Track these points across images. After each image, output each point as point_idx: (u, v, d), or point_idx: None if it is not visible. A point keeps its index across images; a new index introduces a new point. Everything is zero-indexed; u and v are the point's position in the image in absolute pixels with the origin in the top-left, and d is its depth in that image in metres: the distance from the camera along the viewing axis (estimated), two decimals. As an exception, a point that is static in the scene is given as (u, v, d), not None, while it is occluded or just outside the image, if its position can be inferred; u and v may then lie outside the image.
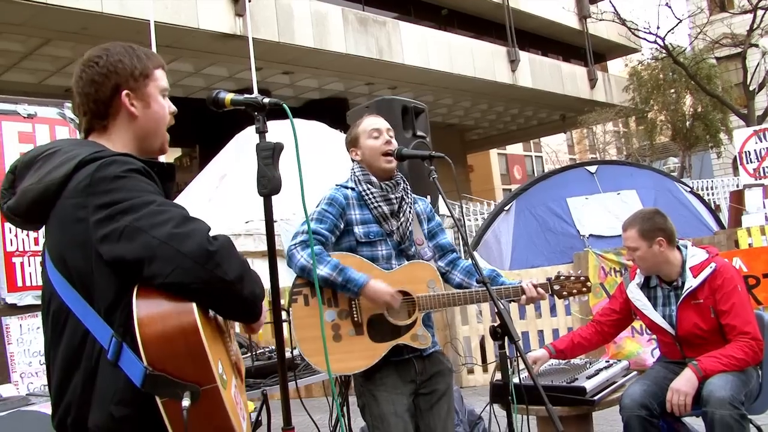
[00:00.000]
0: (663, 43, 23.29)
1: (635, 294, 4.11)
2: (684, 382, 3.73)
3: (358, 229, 3.34)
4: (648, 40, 24.64)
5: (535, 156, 56.17)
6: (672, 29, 22.98)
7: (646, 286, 4.12)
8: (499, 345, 3.16)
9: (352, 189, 3.42)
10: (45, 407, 3.68)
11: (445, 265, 3.59)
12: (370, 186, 3.39)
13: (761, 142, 11.03)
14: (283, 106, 2.34)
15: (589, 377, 4.07)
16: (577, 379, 4.05)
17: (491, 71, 27.35)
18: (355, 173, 3.46)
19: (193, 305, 1.76)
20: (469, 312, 8.58)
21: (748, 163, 11.12)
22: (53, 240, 1.94)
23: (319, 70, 23.10)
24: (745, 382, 3.75)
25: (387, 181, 3.43)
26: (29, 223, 2.03)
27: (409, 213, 3.47)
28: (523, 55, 29.06)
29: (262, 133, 2.33)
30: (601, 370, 4.25)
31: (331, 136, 11.46)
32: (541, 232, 9.58)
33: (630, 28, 23.61)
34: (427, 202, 3.74)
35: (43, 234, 2.04)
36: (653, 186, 9.91)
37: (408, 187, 3.54)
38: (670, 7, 22.68)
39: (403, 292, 3.26)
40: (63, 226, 1.89)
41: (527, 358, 4.10)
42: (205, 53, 20.04)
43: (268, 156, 2.27)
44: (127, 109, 2.07)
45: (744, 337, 3.77)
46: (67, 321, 1.88)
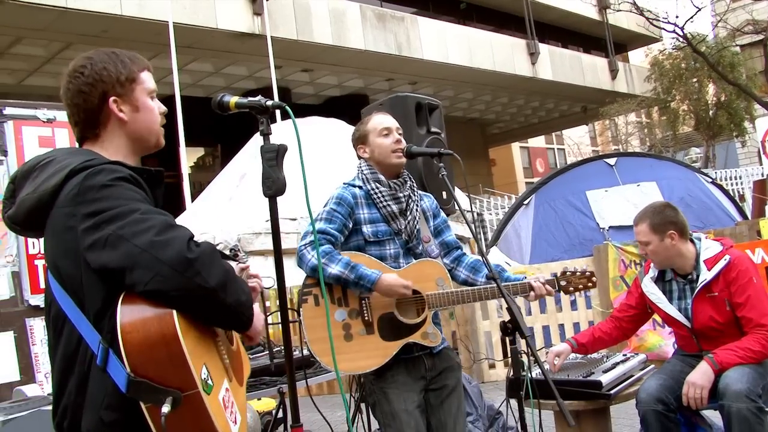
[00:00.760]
0: (682, 33, 23.03)
1: (650, 288, 4.09)
2: (700, 376, 3.71)
3: (367, 229, 3.33)
4: (667, 30, 24.39)
5: (558, 149, 55.85)
6: (691, 18, 22.70)
7: (661, 280, 4.10)
8: (510, 340, 3.16)
9: (360, 187, 3.41)
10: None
11: (450, 261, 3.58)
12: (379, 185, 3.39)
13: (785, 130, 10.90)
14: (286, 108, 2.37)
15: (605, 371, 4.06)
16: (593, 373, 4.04)
17: (511, 64, 27.26)
18: (362, 171, 3.45)
19: (174, 312, 1.77)
20: (489, 307, 8.58)
21: (771, 152, 11.00)
22: (48, 248, 1.98)
23: (338, 67, 23.13)
24: (762, 374, 3.71)
25: (395, 179, 3.43)
26: (29, 230, 2.09)
27: (417, 211, 3.47)
28: (543, 48, 28.92)
29: (266, 135, 2.35)
30: (618, 363, 4.23)
31: (349, 133, 11.45)
32: (560, 225, 9.55)
33: (648, 18, 23.36)
34: (433, 198, 3.74)
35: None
36: (674, 177, 9.84)
37: (414, 184, 3.54)
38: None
39: (413, 291, 3.27)
40: (55, 234, 1.93)
41: (550, 352, 4.14)
42: (224, 53, 20.15)
43: (273, 158, 2.30)
44: (116, 116, 2.10)
45: (761, 330, 3.74)
46: (64, 326, 1.92)
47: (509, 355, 3.38)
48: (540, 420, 3.53)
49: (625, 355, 4.47)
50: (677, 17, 23.43)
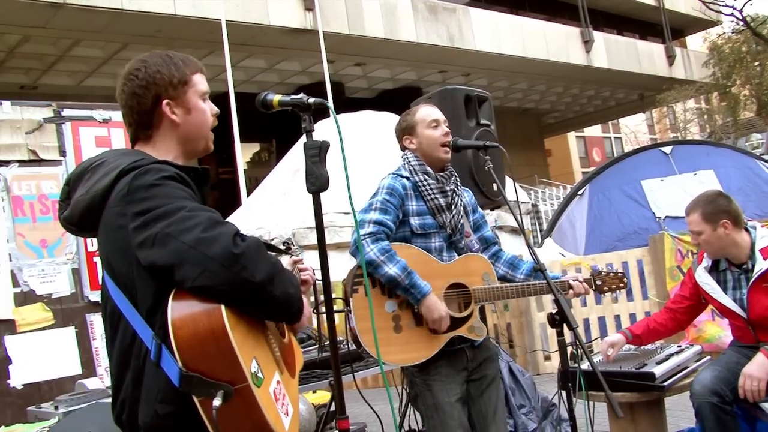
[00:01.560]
0: (741, 15, 22.45)
1: (703, 278, 4.02)
2: (756, 367, 3.65)
3: (414, 221, 3.32)
4: (724, 14, 23.79)
5: (615, 137, 54.93)
6: (750, 0, 22.11)
7: (715, 270, 4.03)
8: (557, 332, 3.16)
9: (408, 179, 3.39)
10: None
11: (488, 257, 3.54)
12: (427, 177, 3.37)
13: None
14: (327, 105, 2.39)
15: (659, 362, 4.02)
16: (646, 364, 4.00)
17: (565, 53, 26.90)
18: (410, 162, 3.44)
19: (222, 308, 1.80)
20: (544, 298, 8.52)
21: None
22: (101, 246, 2.05)
23: (391, 60, 23.13)
24: (821, 365, 3.64)
25: (441, 173, 3.43)
26: (83, 231, 2.16)
27: (461, 205, 3.47)
28: (598, 35, 28.45)
29: (308, 132, 2.38)
30: (672, 355, 4.18)
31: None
32: (615, 215, 9.41)
33: (705, 2, 22.83)
34: (471, 193, 3.73)
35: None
36: (732, 165, 9.56)
37: (458, 179, 3.53)
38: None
39: (458, 284, 3.28)
40: (107, 233, 2.00)
41: (604, 342, 4.11)
42: (277, 49, 20.32)
43: (315, 154, 2.33)
44: (169, 118, 2.15)
45: (818, 319, 3.67)
46: (119, 322, 1.98)
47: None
48: (591, 412, 3.51)
49: (680, 346, 4.41)
50: (735, 0, 22.82)
